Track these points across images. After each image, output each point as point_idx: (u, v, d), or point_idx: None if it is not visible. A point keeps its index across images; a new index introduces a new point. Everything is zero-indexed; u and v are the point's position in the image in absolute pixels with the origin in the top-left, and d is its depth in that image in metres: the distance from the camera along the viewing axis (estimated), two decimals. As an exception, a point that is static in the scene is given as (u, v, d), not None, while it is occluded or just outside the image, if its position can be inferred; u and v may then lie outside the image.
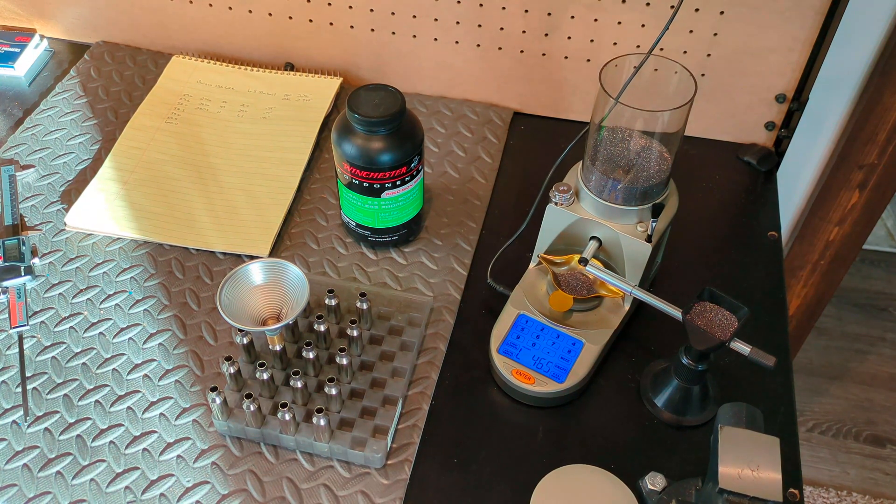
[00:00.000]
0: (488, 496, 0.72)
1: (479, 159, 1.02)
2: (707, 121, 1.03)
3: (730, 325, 0.69)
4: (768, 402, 0.77)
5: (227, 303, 0.74)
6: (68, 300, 0.86)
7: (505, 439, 0.76)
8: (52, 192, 0.97)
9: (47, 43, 1.17)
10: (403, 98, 0.81)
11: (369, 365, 0.79)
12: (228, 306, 0.74)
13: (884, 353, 1.89)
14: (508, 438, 0.76)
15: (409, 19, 1.02)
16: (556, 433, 0.76)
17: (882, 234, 2.06)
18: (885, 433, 1.75)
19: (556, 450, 0.75)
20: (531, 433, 0.76)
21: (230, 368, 0.75)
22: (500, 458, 0.74)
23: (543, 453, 0.75)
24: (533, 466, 0.73)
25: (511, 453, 0.75)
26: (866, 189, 1.09)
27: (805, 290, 1.26)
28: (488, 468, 0.73)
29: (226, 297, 0.74)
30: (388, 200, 0.85)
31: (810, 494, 1.65)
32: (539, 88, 1.06)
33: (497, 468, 0.73)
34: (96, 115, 1.07)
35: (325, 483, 0.72)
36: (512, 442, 0.75)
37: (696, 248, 0.93)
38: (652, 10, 0.93)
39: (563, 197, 0.77)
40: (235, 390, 0.76)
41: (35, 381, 0.80)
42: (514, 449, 0.75)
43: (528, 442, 0.75)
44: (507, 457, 0.74)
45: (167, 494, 0.72)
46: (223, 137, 1.03)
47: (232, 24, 1.09)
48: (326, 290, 0.82)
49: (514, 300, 0.82)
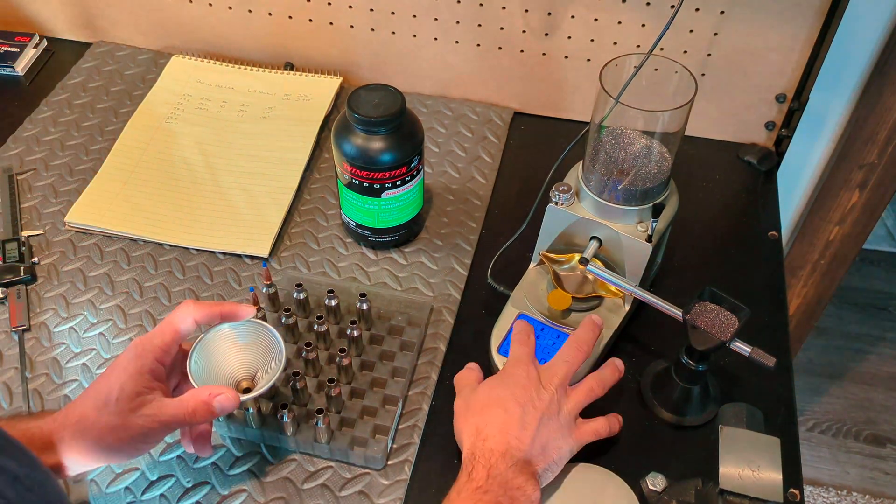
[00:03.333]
0: (488, 496, 0.71)
1: (479, 159, 1.01)
2: (707, 121, 1.03)
3: (730, 326, 0.69)
4: (768, 402, 0.77)
5: (198, 366, 0.68)
6: (68, 300, 0.86)
7: (505, 439, 0.75)
8: (52, 193, 0.97)
9: (47, 43, 1.17)
10: (403, 98, 0.81)
11: (369, 365, 0.79)
12: (199, 370, 0.68)
13: (884, 352, 1.89)
14: (509, 438, 0.76)
15: (409, 19, 1.02)
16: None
17: (882, 234, 2.06)
18: (885, 433, 1.75)
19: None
20: (531, 433, 0.76)
21: (230, 369, 0.75)
22: (501, 459, 0.74)
23: (544, 453, 0.74)
24: (533, 466, 0.73)
25: (511, 453, 0.74)
26: (866, 189, 1.09)
27: (805, 289, 1.26)
28: (488, 468, 0.73)
29: (196, 362, 0.68)
30: (388, 200, 0.85)
31: (810, 494, 1.65)
32: (539, 88, 1.06)
33: (497, 468, 0.73)
34: (96, 115, 1.06)
35: (325, 483, 0.72)
36: (512, 442, 0.75)
37: (696, 248, 0.93)
38: (652, 10, 0.93)
39: (564, 197, 0.77)
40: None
41: (35, 381, 0.80)
42: (515, 449, 0.75)
43: (528, 442, 0.75)
44: (508, 457, 0.74)
45: (167, 495, 0.72)
46: (223, 137, 1.03)
47: (232, 24, 1.09)
48: (326, 290, 0.82)
49: (515, 300, 0.82)
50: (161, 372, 0.66)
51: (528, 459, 0.65)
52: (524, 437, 0.65)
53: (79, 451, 0.62)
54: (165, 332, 0.66)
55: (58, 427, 0.62)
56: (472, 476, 0.63)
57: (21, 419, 0.65)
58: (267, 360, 0.71)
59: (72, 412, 0.63)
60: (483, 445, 0.65)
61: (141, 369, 0.64)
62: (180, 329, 0.66)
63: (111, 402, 0.62)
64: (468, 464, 0.65)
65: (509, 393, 0.68)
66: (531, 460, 0.65)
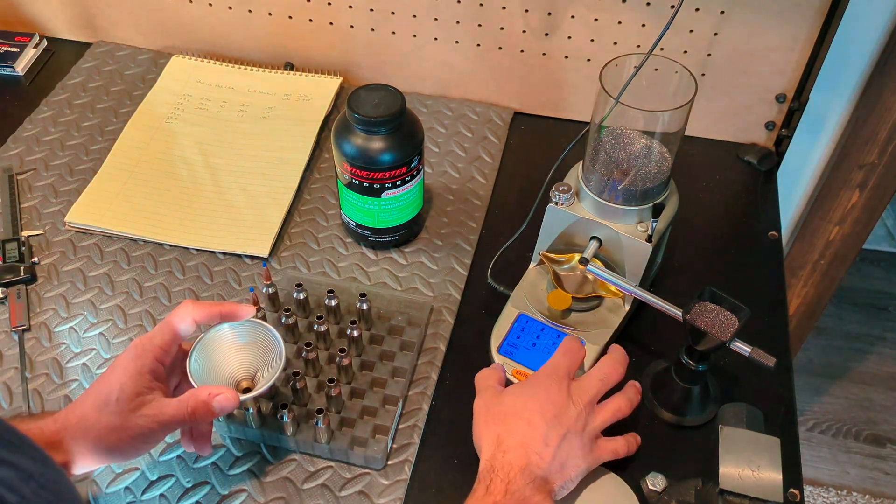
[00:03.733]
0: (488, 496, 0.71)
1: (479, 159, 1.01)
2: (707, 121, 1.03)
3: (730, 326, 0.69)
4: (768, 402, 0.77)
5: (197, 366, 0.68)
6: (68, 300, 0.86)
7: (505, 439, 0.75)
8: (52, 193, 0.97)
9: (47, 43, 1.17)
10: (403, 98, 0.81)
11: (369, 365, 0.79)
12: (199, 370, 0.68)
13: (884, 352, 1.89)
14: (509, 438, 0.76)
15: (410, 19, 1.02)
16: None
17: (882, 234, 2.06)
18: (885, 433, 1.75)
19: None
20: (531, 433, 0.76)
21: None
22: (501, 459, 0.74)
23: (544, 453, 0.74)
24: (533, 466, 0.73)
25: (511, 453, 0.74)
26: (866, 189, 1.09)
27: (805, 289, 1.26)
28: (488, 468, 0.73)
29: (196, 362, 0.68)
30: (388, 200, 0.85)
31: (810, 494, 1.65)
32: (539, 88, 1.06)
33: (497, 468, 0.73)
34: (96, 115, 1.06)
35: (325, 483, 0.72)
36: (512, 442, 0.75)
37: (696, 248, 0.93)
38: (652, 10, 0.93)
39: (564, 197, 0.77)
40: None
41: (35, 381, 0.80)
42: (515, 449, 0.75)
43: (528, 442, 0.75)
44: (508, 457, 0.74)
45: (167, 495, 0.72)
46: (223, 137, 1.03)
47: (232, 24, 1.09)
48: (326, 290, 0.82)
49: (515, 300, 0.82)
50: (161, 372, 0.66)
51: (547, 477, 0.64)
52: (545, 454, 0.64)
53: (79, 451, 0.62)
54: (165, 332, 0.66)
55: (58, 428, 0.62)
56: (490, 490, 0.62)
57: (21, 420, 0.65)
58: (267, 360, 0.71)
59: (72, 413, 0.63)
60: (503, 458, 0.64)
61: (141, 369, 0.64)
62: (180, 329, 0.66)
63: (111, 402, 0.62)
64: (486, 475, 0.64)
65: (536, 405, 0.66)
66: (549, 477, 0.64)
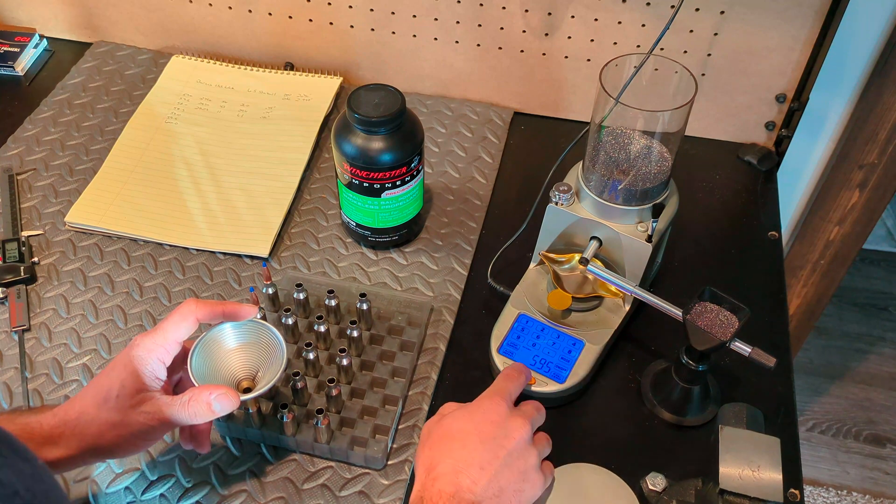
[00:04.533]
0: (488, 496, 0.71)
1: (479, 159, 1.01)
2: (707, 121, 1.03)
3: (730, 326, 0.69)
4: (768, 402, 0.77)
5: (198, 365, 0.68)
6: (68, 300, 0.86)
7: (505, 439, 0.75)
8: (52, 193, 0.97)
9: (47, 43, 1.17)
10: (403, 98, 0.81)
11: (369, 365, 0.79)
12: (199, 369, 0.68)
13: (884, 352, 1.89)
14: (509, 438, 0.75)
15: (409, 19, 1.02)
16: (557, 433, 0.76)
17: (882, 234, 2.06)
18: (885, 433, 1.75)
19: (557, 449, 0.75)
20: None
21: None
22: (501, 459, 0.74)
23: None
24: (533, 466, 0.73)
25: (511, 453, 0.74)
26: (866, 189, 1.09)
27: (805, 289, 1.26)
28: (488, 468, 0.73)
29: (197, 361, 0.68)
30: (388, 200, 0.85)
31: (810, 494, 1.65)
32: (539, 88, 1.06)
33: (497, 468, 0.73)
34: (96, 115, 1.07)
35: (325, 483, 0.72)
36: (512, 442, 0.75)
37: (696, 248, 0.93)
38: (652, 10, 0.93)
39: (564, 197, 0.77)
40: (235, 390, 0.76)
41: (35, 381, 0.80)
42: (515, 449, 0.75)
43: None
44: (508, 457, 0.74)
45: (167, 495, 0.72)
46: (223, 137, 1.03)
47: (232, 24, 1.09)
48: (326, 290, 0.82)
49: (515, 300, 0.82)
50: (162, 370, 0.66)
51: (480, 502, 0.58)
52: (480, 479, 0.58)
53: (78, 446, 0.62)
54: (167, 330, 0.66)
55: (57, 422, 0.62)
56: None
57: (20, 413, 0.65)
58: (268, 361, 0.70)
59: (72, 408, 0.63)
60: (432, 487, 0.58)
61: (142, 366, 0.64)
62: (182, 327, 0.66)
63: (111, 398, 0.62)
64: None
65: (473, 426, 0.61)
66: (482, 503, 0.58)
